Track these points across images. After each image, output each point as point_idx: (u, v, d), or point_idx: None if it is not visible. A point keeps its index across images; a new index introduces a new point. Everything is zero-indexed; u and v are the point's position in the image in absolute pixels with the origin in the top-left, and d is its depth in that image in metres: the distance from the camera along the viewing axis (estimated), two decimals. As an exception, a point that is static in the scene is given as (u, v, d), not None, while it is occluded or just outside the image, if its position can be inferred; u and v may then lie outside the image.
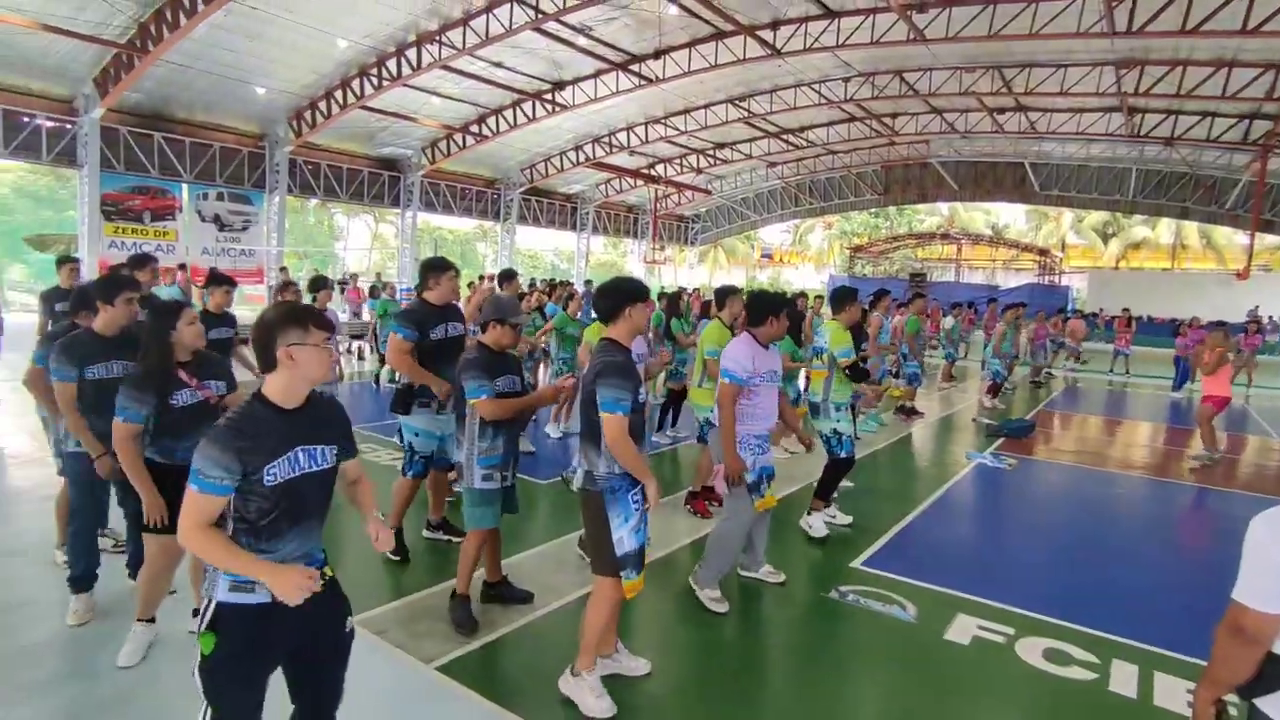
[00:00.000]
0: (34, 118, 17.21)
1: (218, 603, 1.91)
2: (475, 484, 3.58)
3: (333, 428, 2.11)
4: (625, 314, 3.00)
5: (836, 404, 5.23)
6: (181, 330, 3.10)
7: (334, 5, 15.27)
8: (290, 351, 1.94)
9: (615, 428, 2.84)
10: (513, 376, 3.66)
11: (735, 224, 38.60)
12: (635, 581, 2.98)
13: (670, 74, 19.09)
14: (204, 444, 1.86)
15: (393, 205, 26.10)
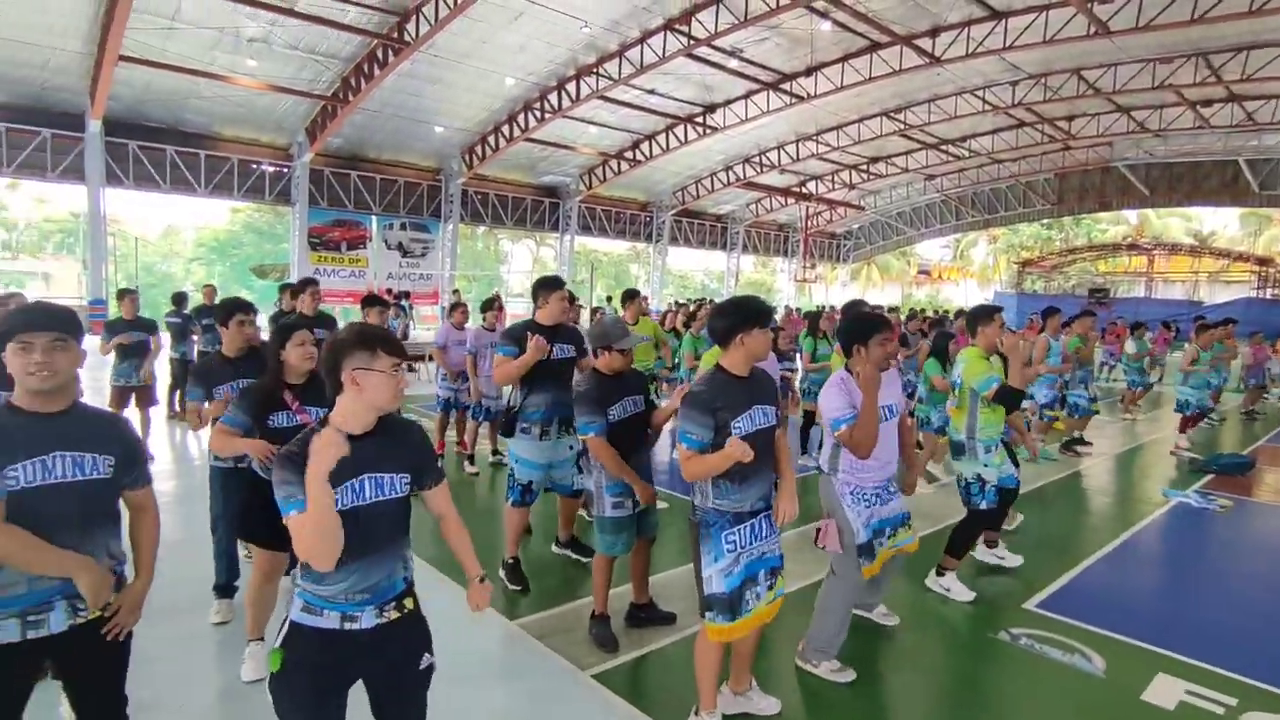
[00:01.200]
0: (260, 164, 20.10)
1: (291, 621, 1.89)
2: (606, 512, 3.48)
3: (404, 456, 1.95)
4: (738, 340, 2.69)
5: (985, 442, 4.37)
6: (289, 351, 3.09)
7: (504, 47, 16.56)
8: (355, 377, 1.83)
9: (680, 458, 2.68)
10: (633, 398, 3.48)
11: (890, 240, 37.12)
12: (720, 627, 2.68)
13: (822, 90, 18.87)
14: (275, 471, 1.81)
15: (552, 230, 27.62)
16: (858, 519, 3.34)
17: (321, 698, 1.88)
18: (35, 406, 1.90)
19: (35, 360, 1.85)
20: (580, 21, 15.51)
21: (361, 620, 1.88)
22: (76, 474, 1.90)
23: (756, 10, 14.34)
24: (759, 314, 2.70)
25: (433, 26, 14.18)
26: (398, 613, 1.94)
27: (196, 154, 19.15)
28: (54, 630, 1.89)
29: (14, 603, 1.84)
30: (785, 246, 36.61)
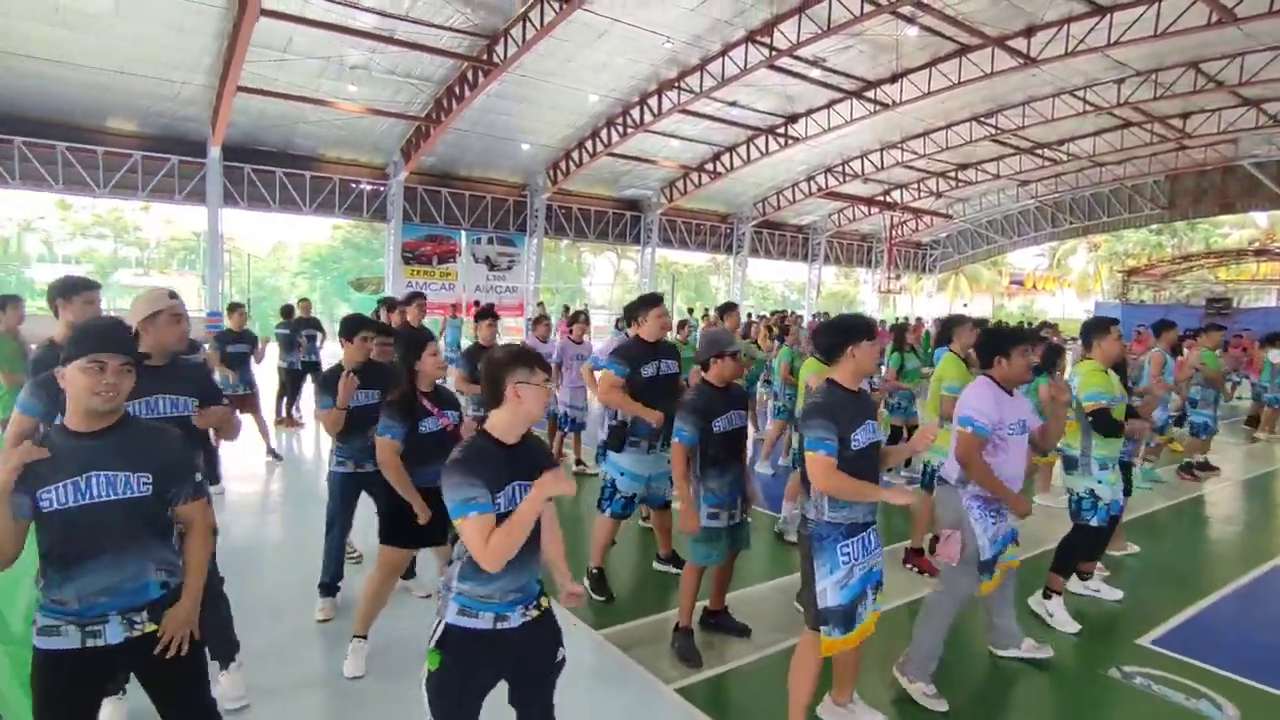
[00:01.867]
0: (359, 183, 21.29)
1: (447, 624, 2.04)
2: (702, 522, 3.51)
3: (539, 466, 2.11)
4: (848, 353, 2.77)
5: (1101, 460, 4.21)
6: (424, 361, 3.35)
7: (588, 65, 16.97)
8: (516, 389, 2.04)
9: (814, 466, 2.68)
10: (738, 412, 3.55)
11: (979, 249, 35.67)
12: (835, 640, 2.72)
13: (908, 97, 18.42)
14: (447, 478, 1.96)
15: (633, 243, 27.96)
16: (984, 533, 3.30)
17: (473, 695, 2.06)
18: (83, 427, 1.96)
19: (107, 382, 1.92)
20: (662, 37, 15.73)
21: (511, 619, 2.07)
22: (111, 493, 1.94)
23: (840, 19, 14.17)
24: (863, 329, 2.80)
25: (520, 48, 14.70)
26: (537, 611, 2.14)
27: (303, 175, 20.46)
28: (111, 641, 1.96)
29: (69, 613, 1.94)
30: (868, 257, 35.76)
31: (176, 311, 2.89)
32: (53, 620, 1.93)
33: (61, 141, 17.40)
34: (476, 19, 14.74)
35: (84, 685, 1.98)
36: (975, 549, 3.29)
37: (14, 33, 13.83)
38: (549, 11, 13.70)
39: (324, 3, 13.46)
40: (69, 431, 1.97)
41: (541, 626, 2.15)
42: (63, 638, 1.92)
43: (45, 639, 1.93)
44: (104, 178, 18.11)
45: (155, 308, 2.82)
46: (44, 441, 1.96)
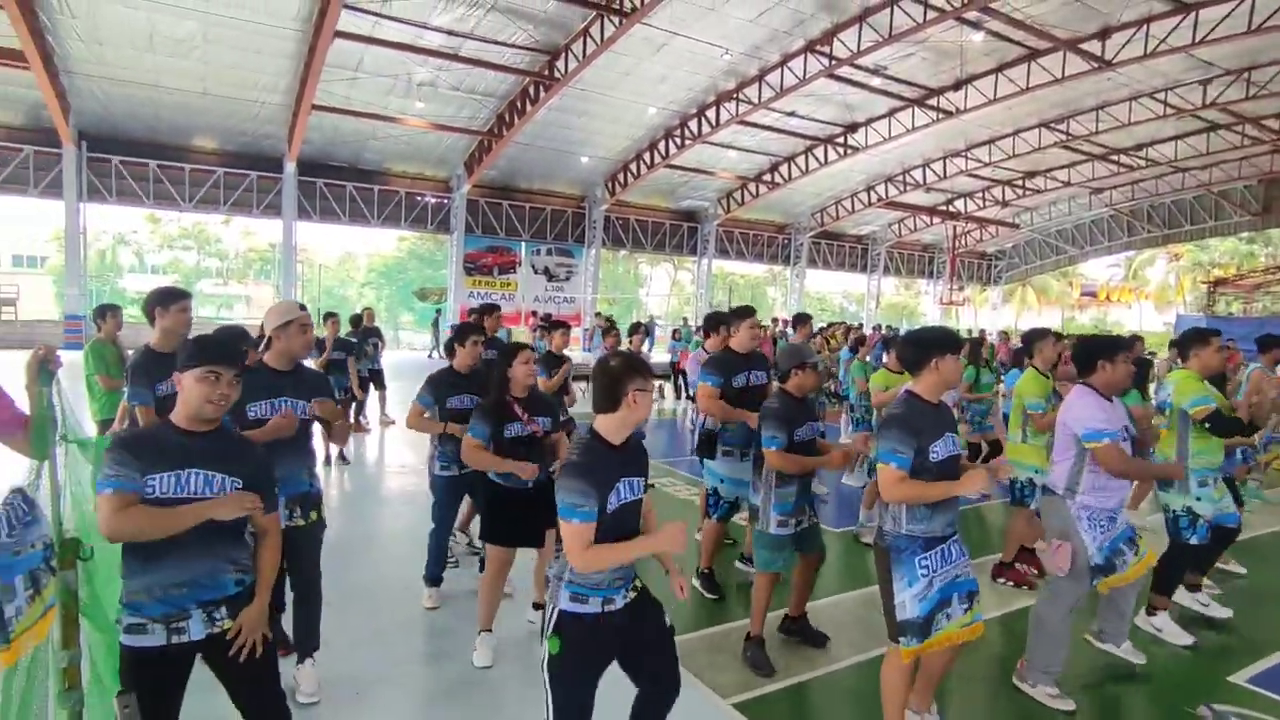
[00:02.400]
0: (424, 196, 22.02)
1: (560, 610, 2.19)
2: (770, 529, 3.57)
3: (642, 463, 2.35)
4: (931, 365, 2.77)
5: (1199, 474, 4.05)
6: (515, 369, 3.50)
7: (647, 78, 17.19)
8: (634, 396, 2.22)
9: (886, 478, 2.69)
10: (814, 424, 3.62)
11: (1048, 259, 34.43)
12: (914, 648, 2.73)
13: (973, 104, 18.01)
14: (561, 479, 2.13)
15: (690, 253, 28.06)
16: (1093, 541, 3.34)
17: (590, 675, 2.23)
18: (189, 426, 2.13)
19: (220, 392, 2.10)
20: (721, 49, 15.82)
21: (616, 602, 2.25)
22: (206, 491, 2.08)
23: (902, 26, 14.01)
24: (948, 342, 2.82)
25: (580, 63, 15.01)
26: (634, 592, 2.33)
27: (371, 189, 21.29)
28: (194, 637, 2.08)
29: (154, 608, 2.06)
30: (930, 268, 34.96)
31: (305, 322, 3.16)
32: (138, 619, 2.06)
33: (153, 160, 18.59)
34: (538, 35, 15.14)
35: (169, 679, 2.11)
36: (1085, 558, 3.32)
37: (113, 60, 14.88)
38: (609, 26, 13.97)
39: (394, 23, 14.04)
40: (175, 427, 2.14)
41: (641, 603, 2.33)
42: (150, 635, 2.05)
43: (132, 637, 2.06)
44: (190, 193, 19.25)
45: (287, 318, 3.12)
46: (156, 433, 2.15)
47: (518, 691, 3.29)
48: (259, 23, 13.82)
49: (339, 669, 3.37)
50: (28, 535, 1.90)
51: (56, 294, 25.96)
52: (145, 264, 34.31)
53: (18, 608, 1.79)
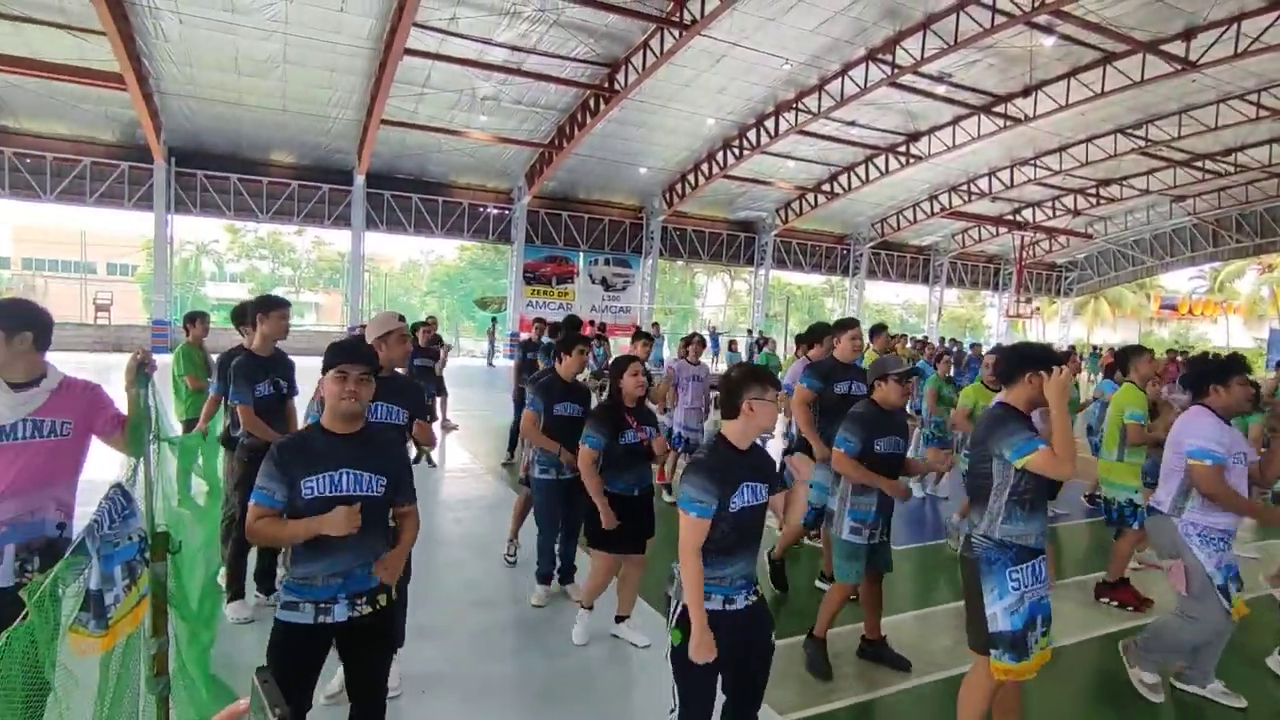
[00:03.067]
0: (486, 207, 22.56)
1: (684, 605, 2.32)
2: (843, 534, 3.59)
3: (767, 471, 2.47)
4: (1024, 380, 2.77)
5: None
6: (626, 380, 3.70)
7: (706, 89, 17.25)
8: (751, 404, 2.35)
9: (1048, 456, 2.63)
10: (896, 438, 3.59)
11: (1124, 270, 32.94)
12: (1009, 666, 2.67)
13: (1043, 110, 17.44)
14: (687, 474, 2.32)
15: (747, 264, 27.91)
16: (1209, 561, 3.28)
17: (710, 667, 2.32)
18: (336, 429, 2.29)
19: (348, 389, 2.25)
20: (780, 59, 15.76)
21: (738, 602, 2.38)
22: (357, 489, 2.26)
23: (968, 32, 13.68)
24: (1045, 359, 2.79)
25: (640, 75, 15.17)
26: (756, 597, 2.45)
27: (435, 200, 21.94)
28: (337, 619, 2.27)
29: (311, 592, 2.26)
30: (995, 279, 33.88)
31: (404, 333, 3.39)
32: (294, 597, 2.26)
33: (234, 174, 19.60)
34: (599, 48, 15.37)
35: (310, 652, 2.31)
36: (1204, 576, 3.25)
37: (201, 80, 15.78)
38: (669, 39, 14.08)
39: (460, 40, 14.49)
40: (326, 431, 2.31)
41: (761, 610, 2.45)
42: (300, 613, 2.25)
43: (287, 613, 2.26)
44: (266, 205, 20.22)
45: (387, 328, 3.35)
46: (306, 440, 2.33)
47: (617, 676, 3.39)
48: (335, 42, 14.45)
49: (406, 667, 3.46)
50: (126, 528, 2.04)
51: (145, 300, 27.54)
52: (224, 272, 36.12)
53: (116, 596, 1.92)
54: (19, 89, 15.88)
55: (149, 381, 2.41)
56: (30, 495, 2.28)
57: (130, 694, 2.20)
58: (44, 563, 2.25)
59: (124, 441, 2.46)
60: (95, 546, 1.88)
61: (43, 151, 18.09)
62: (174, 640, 2.41)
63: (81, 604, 1.86)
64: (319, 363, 2.40)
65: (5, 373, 2.26)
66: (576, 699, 3.37)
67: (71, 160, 18.36)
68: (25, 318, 2.30)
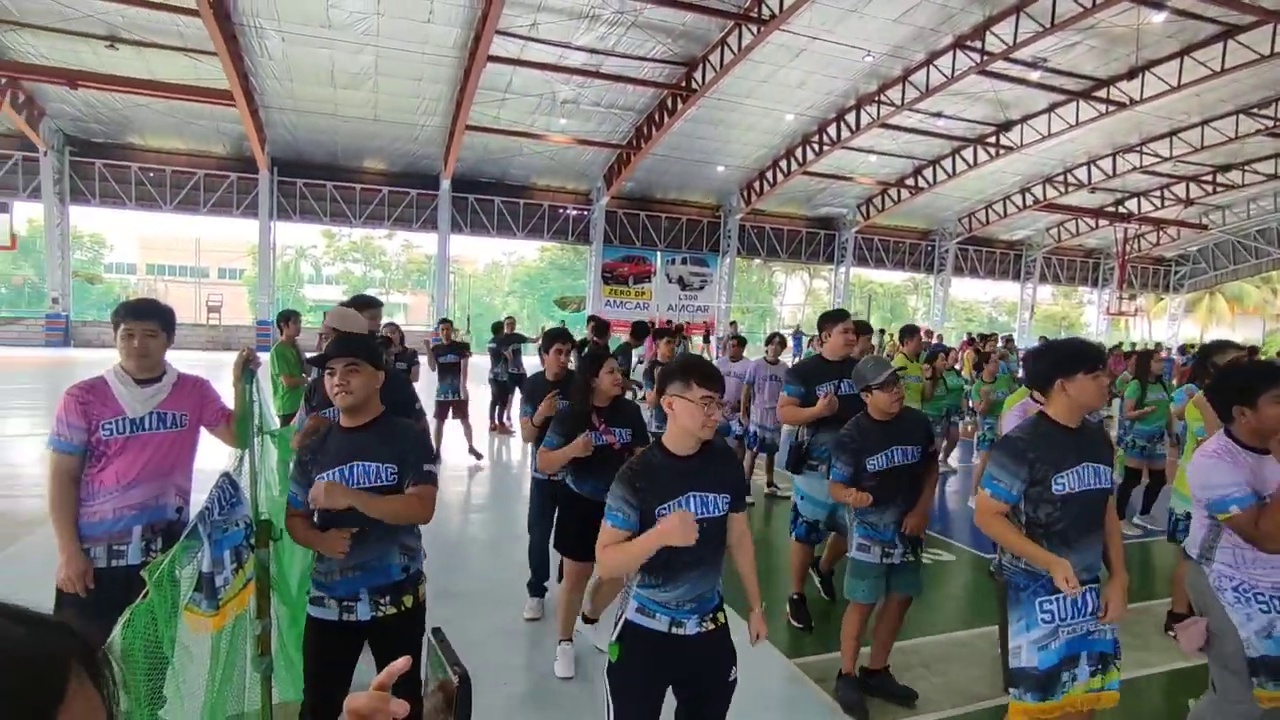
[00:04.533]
0: (565, 209, 22.95)
1: (626, 620, 2.11)
2: (851, 551, 3.30)
3: (724, 478, 2.15)
4: (1057, 386, 2.38)
5: None
6: (601, 378, 3.42)
7: (784, 85, 16.99)
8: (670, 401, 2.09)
9: (981, 505, 2.42)
10: (900, 448, 3.24)
11: (1244, 263, 30.39)
12: (1027, 705, 2.33)
13: (1151, 93, 16.30)
14: (615, 486, 2.05)
15: (827, 262, 27.35)
16: (1247, 624, 2.49)
17: (650, 690, 2.11)
18: (346, 423, 2.30)
19: (336, 382, 2.24)
20: (862, 51, 15.35)
21: (687, 627, 2.09)
22: (366, 480, 2.25)
23: (1066, 14, 12.94)
24: (1080, 357, 2.38)
25: (718, 73, 15.09)
26: (713, 625, 2.14)
27: (517, 203, 22.50)
28: (361, 618, 2.26)
29: (333, 589, 2.27)
30: (1095, 275, 31.92)
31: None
32: (320, 592, 2.29)
33: (329, 181, 20.71)
34: (676, 48, 15.38)
35: (340, 649, 2.31)
36: (1236, 645, 2.48)
37: (300, 94, 16.74)
38: (747, 35, 13.96)
39: (540, 45, 14.79)
40: (341, 427, 2.33)
41: (717, 641, 2.15)
42: (326, 609, 2.28)
43: (314, 608, 2.30)
44: (359, 210, 21.26)
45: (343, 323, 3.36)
46: (325, 437, 2.32)
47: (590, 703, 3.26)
48: (423, 52, 15.04)
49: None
50: (233, 514, 2.20)
51: (251, 302, 29.43)
52: (321, 275, 38.14)
53: (225, 579, 2.08)
54: (144, 109, 17.28)
55: (254, 377, 2.58)
56: (156, 481, 2.49)
57: (238, 671, 2.37)
58: (165, 543, 2.43)
59: (229, 433, 2.65)
60: (206, 531, 2.04)
61: (163, 165, 19.65)
62: (275, 622, 2.58)
63: (195, 584, 2.02)
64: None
65: (141, 369, 2.49)
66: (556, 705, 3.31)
67: (187, 173, 19.85)
68: (171, 319, 2.57)
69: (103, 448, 2.41)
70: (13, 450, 8.24)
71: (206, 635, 2.06)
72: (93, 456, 2.41)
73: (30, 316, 22.02)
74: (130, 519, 2.44)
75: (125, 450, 2.43)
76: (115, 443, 2.42)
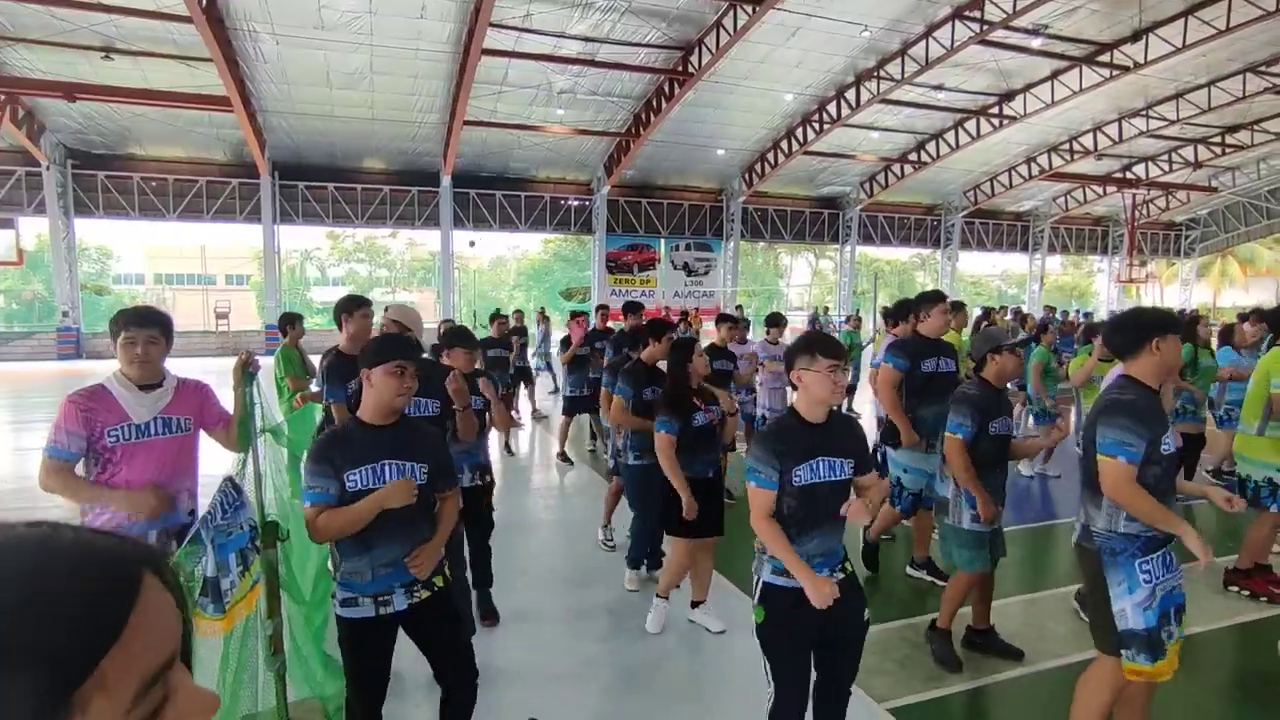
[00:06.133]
0: (567, 199, 22.90)
1: (764, 582, 2.29)
2: (964, 524, 3.39)
3: (849, 445, 2.33)
4: (1150, 347, 2.47)
5: None
6: (695, 362, 3.68)
7: (781, 64, 16.83)
8: (799, 375, 2.27)
9: (1115, 474, 2.39)
10: (1006, 418, 3.40)
11: (1256, 224, 29.92)
12: (1142, 667, 2.40)
13: (1156, 55, 16.00)
14: (750, 448, 2.28)
15: (832, 241, 27.19)
16: None
17: (797, 642, 2.29)
18: (377, 421, 2.28)
19: (407, 384, 2.25)
20: (859, 26, 15.16)
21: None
22: (395, 479, 2.23)
23: (1066, -22, 12.73)
24: (1165, 323, 2.52)
25: (714, 55, 14.96)
26: (843, 574, 2.36)
27: (518, 195, 22.45)
28: (398, 609, 2.28)
29: (366, 588, 2.26)
30: (1104, 243, 31.57)
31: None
32: (351, 594, 2.27)
33: (330, 182, 20.73)
34: (672, 32, 15.25)
35: (379, 641, 2.33)
36: None
37: (297, 97, 16.73)
38: (742, 15, 13.81)
39: (535, 36, 14.70)
40: (364, 425, 2.30)
41: (847, 587, 2.33)
42: (361, 608, 2.26)
43: (347, 610, 2.27)
44: (361, 210, 21.29)
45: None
46: (347, 434, 2.30)
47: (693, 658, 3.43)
48: (417, 49, 14.98)
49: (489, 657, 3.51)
50: (237, 518, 2.21)
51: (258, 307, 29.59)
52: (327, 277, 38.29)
53: (231, 582, 2.09)
54: (143, 119, 17.34)
55: (254, 380, 2.59)
56: (167, 486, 2.52)
57: (250, 671, 2.39)
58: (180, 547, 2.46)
59: (228, 436, 2.67)
60: (209, 536, 2.05)
61: (165, 175, 19.72)
62: (288, 622, 2.60)
63: (200, 589, 2.04)
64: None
65: (144, 376, 2.51)
66: (653, 683, 3.39)
67: (189, 181, 19.91)
68: (171, 325, 2.60)
69: (109, 454, 2.43)
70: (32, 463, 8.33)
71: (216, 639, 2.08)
72: (99, 464, 2.43)
73: (42, 331, 22.24)
74: (144, 524, 2.46)
75: (133, 456, 2.45)
76: (121, 449, 2.44)
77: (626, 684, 3.41)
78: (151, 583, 0.50)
